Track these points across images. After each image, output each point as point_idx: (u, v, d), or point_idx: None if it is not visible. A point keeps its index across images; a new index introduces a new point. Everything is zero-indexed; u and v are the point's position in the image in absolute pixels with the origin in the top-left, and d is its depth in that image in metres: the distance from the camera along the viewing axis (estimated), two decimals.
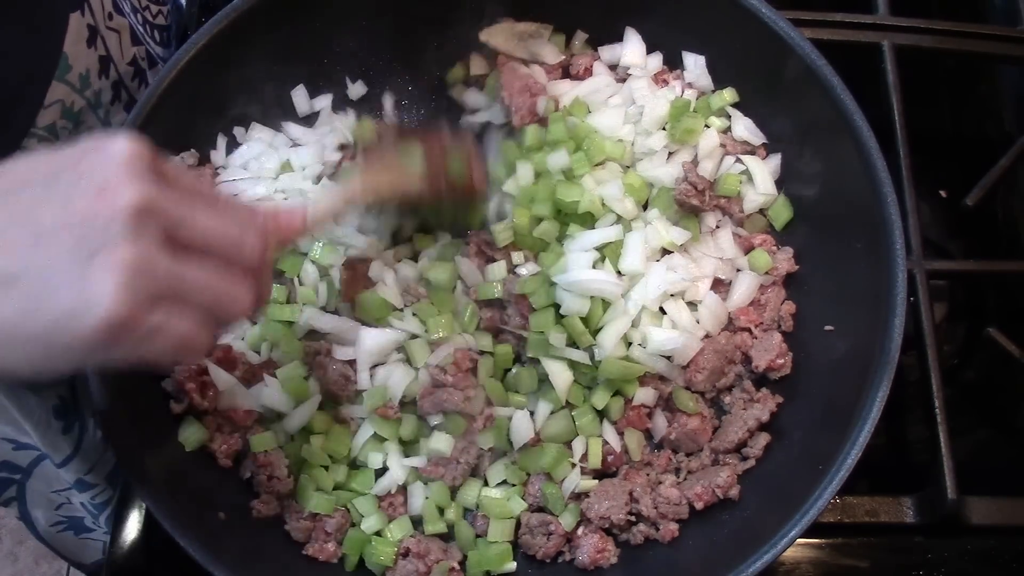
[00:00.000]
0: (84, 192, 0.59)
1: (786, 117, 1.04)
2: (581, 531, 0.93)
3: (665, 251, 1.01)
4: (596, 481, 0.95)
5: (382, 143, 0.97)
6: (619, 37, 1.11)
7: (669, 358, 0.97)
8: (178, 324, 0.63)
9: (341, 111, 1.12)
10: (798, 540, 0.82)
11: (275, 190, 1.04)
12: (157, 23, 1.22)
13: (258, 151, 1.06)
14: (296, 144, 1.09)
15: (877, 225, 0.92)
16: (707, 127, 1.06)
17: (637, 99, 1.07)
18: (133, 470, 0.83)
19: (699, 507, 0.92)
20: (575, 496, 0.94)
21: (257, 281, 0.69)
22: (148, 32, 1.18)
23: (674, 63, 1.11)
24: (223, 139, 1.06)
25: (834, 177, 0.99)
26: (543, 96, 1.06)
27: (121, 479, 1.05)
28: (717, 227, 1.04)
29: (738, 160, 1.05)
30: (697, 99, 1.07)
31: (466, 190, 0.97)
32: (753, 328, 1.01)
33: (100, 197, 0.59)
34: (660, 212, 1.02)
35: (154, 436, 0.90)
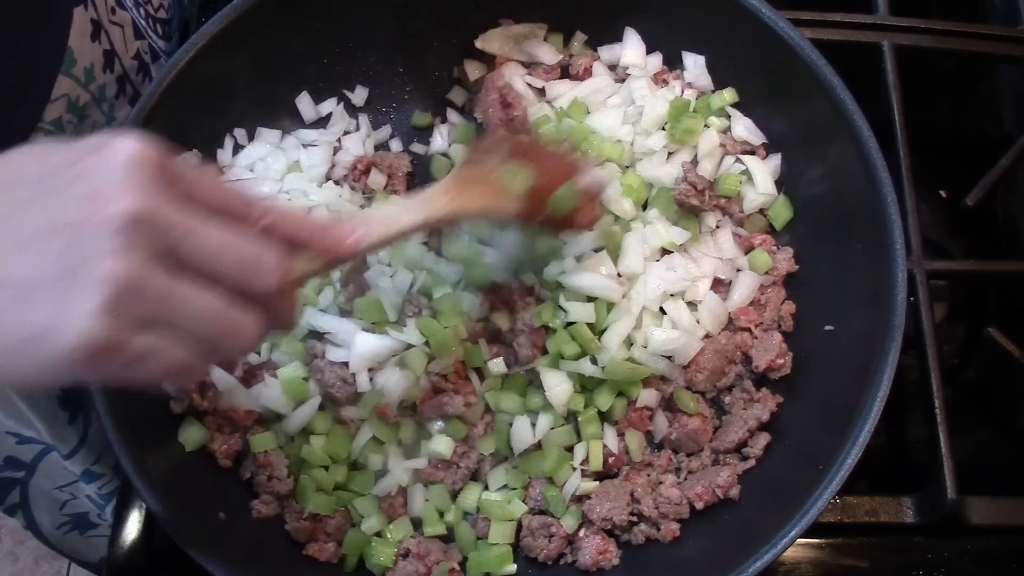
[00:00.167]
0: (76, 197, 0.54)
1: (786, 117, 1.04)
2: (583, 533, 0.93)
3: (664, 251, 1.01)
4: (597, 483, 0.95)
5: (487, 154, 0.88)
6: (618, 37, 1.11)
7: (670, 358, 0.97)
8: (170, 351, 0.57)
9: (352, 117, 1.12)
10: (798, 540, 0.82)
11: (280, 190, 1.04)
12: (159, 17, 1.22)
13: (264, 152, 1.06)
14: (307, 144, 1.08)
15: (877, 225, 0.92)
16: (707, 127, 1.05)
17: (636, 99, 1.07)
18: (133, 470, 0.83)
19: (699, 507, 0.92)
20: (576, 498, 0.94)
21: (274, 308, 0.63)
22: (151, 26, 1.18)
23: (674, 63, 1.10)
24: (230, 139, 1.06)
25: (834, 177, 0.99)
26: (516, 108, 1.06)
27: (121, 479, 1.05)
28: (717, 227, 1.04)
29: (738, 160, 1.05)
30: (697, 99, 1.07)
31: (565, 223, 0.90)
32: (753, 328, 1.00)
33: (92, 203, 0.54)
34: (660, 212, 1.02)
35: (154, 436, 0.89)
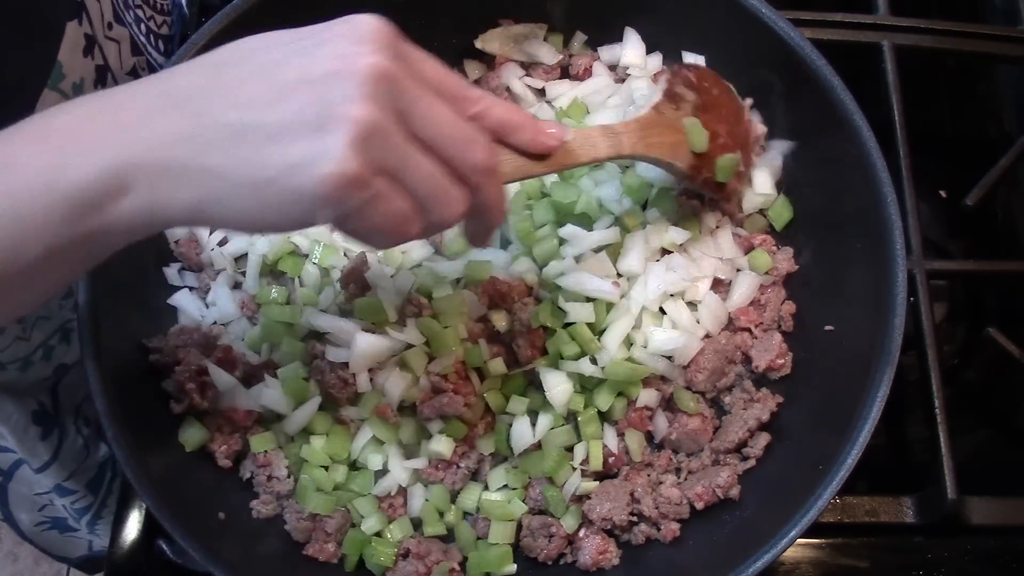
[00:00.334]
0: (327, 55, 0.60)
1: (786, 117, 1.04)
2: (583, 533, 0.93)
3: (664, 251, 1.01)
4: (597, 483, 0.95)
5: (676, 102, 0.94)
6: (618, 37, 1.11)
7: (670, 358, 0.97)
8: (398, 200, 0.62)
9: None
10: (798, 540, 0.82)
11: None
12: (161, 33, 1.22)
13: None
14: None
15: (877, 225, 0.92)
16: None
17: (636, 99, 1.07)
18: (133, 470, 0.83)
19: (700, 507, 0.92)
20: (576, 498, 0.94)
21: (481, 191, 0.67)
22: (151, 42, 1.18)
23: (675, 62, 1.10)
24: None
25: (834, 177, 0.99)
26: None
27: (120, 480, 1.05)
28: (717, 227, 1.04)
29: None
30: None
31: (719, 189, 0.96)
32: (753, 328, 1.00)
33: (342, 60, 0.59)
34: (660, 212, 1.02)
35: (154, 436, 0.89)
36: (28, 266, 0.60)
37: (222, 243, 1.02)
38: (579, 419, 0.95)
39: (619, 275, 0.98)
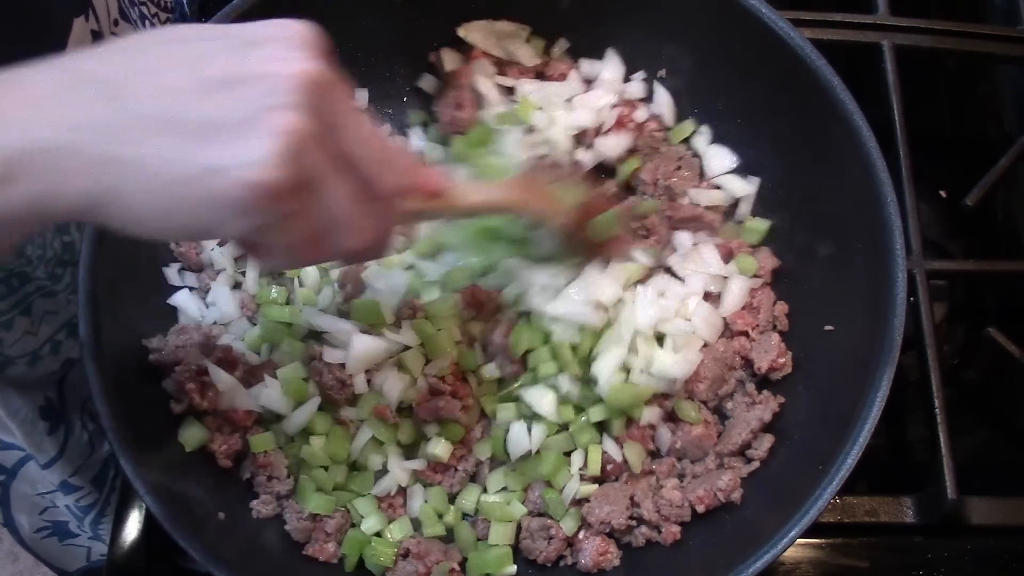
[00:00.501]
0: (259, 57, 0.56)
1: (786, 117, 1.04)
2: (582, 535, 0.93)
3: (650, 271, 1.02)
4: (596, 486, 0.94)
5: (543, 173, 0.98)
6: (600, 53, 1.11)
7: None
8: (313, 219, 0.59)
9: None
10: (798, 540, 0.82)
11: None
12: None
13: None
14: None
15: (877, 225, 0.91)
16: None
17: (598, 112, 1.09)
18: (133, 470, 0.83)
19: (701, 510, 0.92)
20: (575, 501, 0.94)
21: (388, 217, 0.65)
22: None
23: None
24: None
25: (834, 177, 0.99)
26: (466, 113, 1.07)
27: (121, 479, 1.05)
28: (695, 244, 1.04)
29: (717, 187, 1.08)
30: (657, 132, 1.10)
31: (597, 248, 0.95)
32: (750, 331, 1.00)
33: (275, 62, 0.56)
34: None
35: (154, 436, 0.89)
36: None
37: (222, 243, 1.02)
38: (571, 429, 0.95)
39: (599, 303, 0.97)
